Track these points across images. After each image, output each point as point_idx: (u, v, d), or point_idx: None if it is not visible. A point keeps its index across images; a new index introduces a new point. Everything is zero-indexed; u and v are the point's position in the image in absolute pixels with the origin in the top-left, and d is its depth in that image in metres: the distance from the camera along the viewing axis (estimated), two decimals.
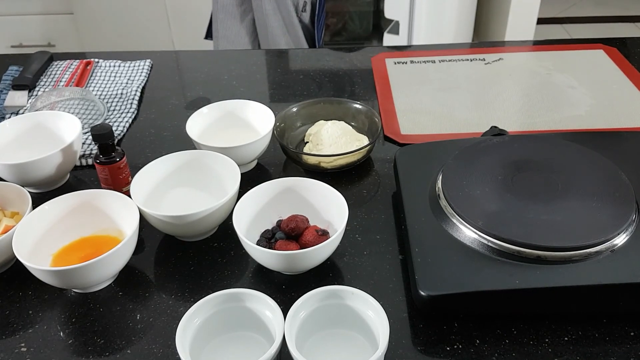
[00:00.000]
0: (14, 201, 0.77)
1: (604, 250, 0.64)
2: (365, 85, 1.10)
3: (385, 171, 0.88)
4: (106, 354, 0.64)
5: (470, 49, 1.21)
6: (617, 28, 3.24)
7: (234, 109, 0.94)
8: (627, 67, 1.12)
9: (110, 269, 0.68)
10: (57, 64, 1.18)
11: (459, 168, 0.75)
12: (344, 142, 0.88)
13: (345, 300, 0.61)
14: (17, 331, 0.67)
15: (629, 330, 0.64)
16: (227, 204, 0.74)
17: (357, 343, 0.62)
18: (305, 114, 0.96)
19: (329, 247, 0.69)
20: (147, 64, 1.18)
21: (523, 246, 0.64)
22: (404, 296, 0.68)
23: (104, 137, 0.79)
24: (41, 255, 0.71)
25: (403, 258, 0.73)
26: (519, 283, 0.61)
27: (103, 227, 0.76)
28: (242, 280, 0.72)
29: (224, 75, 1.16)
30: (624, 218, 0.66)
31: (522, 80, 1.10)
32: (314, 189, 0.76)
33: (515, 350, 0.62)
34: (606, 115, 0.99)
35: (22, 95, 1.08)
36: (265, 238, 0.74)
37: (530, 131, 0.95)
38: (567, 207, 0.69)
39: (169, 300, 0.69)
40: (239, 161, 0.81)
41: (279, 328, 0.58)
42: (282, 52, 1.29)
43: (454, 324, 0.65)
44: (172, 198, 0.81)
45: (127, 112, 1.03)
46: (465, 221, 0.68)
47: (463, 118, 0.99)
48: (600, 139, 0.82)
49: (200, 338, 0.61)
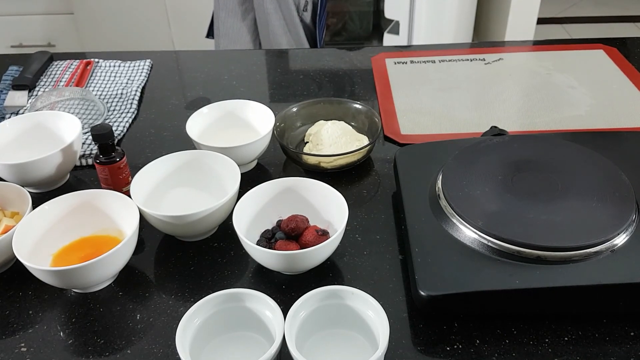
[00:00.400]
0: (14, 201, 0.77)
1: (604, 250, 0.64)
2: (365, 85, 1.10)
3: (385, 171, 0.88)
4: (106, 354, 0.64)
5: (470, 49, 1.21)
6: (617, 28, 3.25)
7: (234, 109, 0.94)
8: (627, 67, 1.12)
9: (110, 269, 0.68)
10: (57, 64, 1.18)
11: (459, 168, 0.75)
12: (344, 142, 0.88)
13: (345, 300, 0.61)
14: (17, 331, 0.67)
15: (629, 330, 0.64)
16: (227, 204, 0.74)
17: (357, 343, 0.62)
18: (305, 114, 0.96)
19: (329, 247, 0.69)
20: (147, 64, 1.18)
21: (523, 246, 0.64)
22: (404, 296, 0.69)
23: (104, 137, 0.79)
24: (41, 255, 0.71)
25: (403, 258, 0.73)
26: (519, 283, 0.61)
27: (103, 227, 0.76)
28: (242, 280, 0.72)
29: (224, 75, 1.16)
30: (624, 218, 0.67)
31: (522, 80, 1.10)
32: (314, 189, 0.76)
33: (515, 350, 0.62)
34: (606, 115, 0.99)
35: (22, 95, 1.08)
36: (265, 238, 0.74)
37: (530, 131, 0.95)
38: (567, 207, 0.69)
39: (169, 300, 0.70)
40: (239, 161, 0.81)
41: (279, 328, 0.58)
42: (282, 52, 1.30)
43: (454, 324, 0.65)
44: (172, 198, 0.81)
45: (127, 112, 1.03)
46: (465, 221, 0.68)
47: (463, 118, 0.99)
48: (600, 139, 0.82)
49: (200, 338, 0.61)
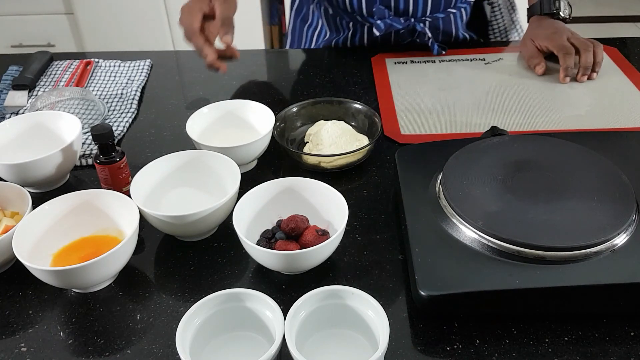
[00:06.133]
0: (14, 201, 0.77)
1: (604, 250, 0.64)
2: (365, 85, 1.10)
3: (385, 171, 0.88)
4: (106, 354, 0.64)
5: (470, 49, 1.21)
6: (617, 28, 3.25)
7: (234, 109, 0.94)
8: (627, 67, 1.12)
9: (110, 269, 0.68)
10: (57, 64, 1.18)
11: (459, 168, 0.75)
12: (344, 142, 0.88)
13: (345, 300, 0.61)
14: (17, 331, 0.67)
15: (629, 330, 0.64)
16: (227, 204, 0.74)
17: (357, 343, 0.62)
18: (305, 114, 0.96)
19: (329, 247, 0.69)
20: (147, 64, 1.18)
21: (523, 246, 0.64)
22: (404, 296, 0.69)
23: (104, 137, 0.79)
24: (41, 255, 0.71)
25: (403, 258, 0.73)
26: (519, 283, 0.61)
27: (103, 227, 0.76)
28: (242, 280, 0.72)
29: (224, 75, 1.16)
30: (624, 218, 0.67)
31: (522, 80, 1.10)
32: (314, 189, 0.76)
33: (515, 350, 0.62)
34: (606, 115, 0.99)
35: (22, 95, 1.08)
36: (265, 238, 0.74)
37: (530, 131, 0.95)
38: (567, 207, 0.69)
39: (169, 300, 0.70)
40: (239, 161, 0.81)
41: (279, 328, 0.58)
42: (282, 52, 1.29)
43: (454, 324, 0.65)
44: (172, 198, 0.81)
45: (127, 112, 1.03)
46: (465, 221, 0.68)
47: (463, 118, 0.99)
48: (600, 139, 0.82)
49: (200, 338, 0.61)
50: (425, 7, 1.15)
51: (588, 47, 1.08)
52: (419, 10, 1.15)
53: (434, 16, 1.18)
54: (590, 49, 1.08)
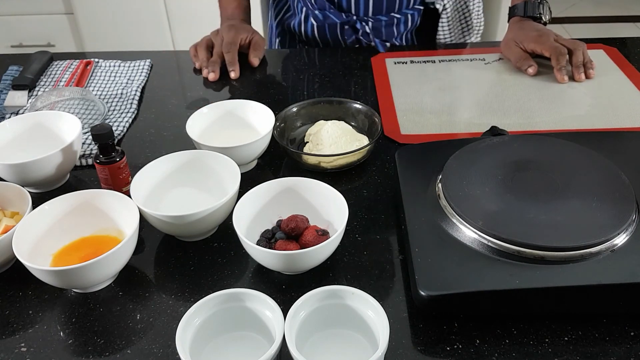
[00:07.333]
0: (14, 201, 0.77)
1: (604, 250, 0.64)
2: (365, 85, 1.10)
3: (385, 171, 0.88)
4: (106, 354, 0.64)
5: (470, 49, 1.21)
6: (617, 28, 3.25)
7: (234, 109, 0.94)
8: (627, 67, 1.12)
9: (110, 269, 0.68)
10: (57, 64, 1.18)
11: (459, 168, 0.75)
12: (344, 142, 0.88)
13: (345, 300, 0.61)
14: (17, 331, 0.67)
15: (629, 330, 0.64)
16: (227, 204, 0.74)
17: (357, 343, 0.62)
18: (305, 114, 0.96)
19: (329, 247, 0.69)
20: (147, 64, 1.18)
21: (523, 246, 0.64)
22: (404, 296, 0.69)
23: (104, 137, 0.79)
24: (41, 255, 0.71)
25: (403, 258, 0.73)
26: (519, 283, 0.61)
27: (103, 227, 0.76)
28: (242, 280, 0.72)
29: (224, 75, 1.16)
30: (624, 218, 0.67)
31: (522, 80, 1.10)
32: (314, 189, 0.76)
33: (515, 350, 0.62)
34: (606, 115, 0.99)
35: (22, 95, 1.08)
36: (265, 238, 0.74)
37: (530, 131, 0.95)
38: (567, 207, 0.69)
39: (169, 300, 0.70)
40: (239, 161, 0.81)
41: (279, 328, 0.58)
42: (282, 52, 1.30)
43: (454, 324, 0.65)
44: (172, 198, 0.81)
45: (127, 112, 1.03)
46: (465, 221, 0.68)
47: (463, 118, 0.99)
48: (600, 139, 0.82)
49: (200, 338, 0.61)
50: (366, 7, 1.19)
51: (578, 46, 1.10)
52: (360, 9, 1.19)
53: (377, 18, 1.20)
54: (580, 48, 1.09)
